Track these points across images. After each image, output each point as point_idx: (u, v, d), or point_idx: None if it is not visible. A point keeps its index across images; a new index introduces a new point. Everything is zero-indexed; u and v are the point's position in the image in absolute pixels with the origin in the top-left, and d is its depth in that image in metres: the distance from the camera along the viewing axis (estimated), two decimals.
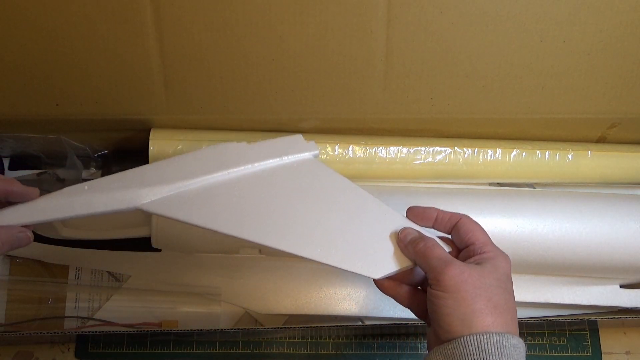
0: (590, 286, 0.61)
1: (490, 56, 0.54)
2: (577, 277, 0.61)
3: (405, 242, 0.44)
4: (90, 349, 0.64)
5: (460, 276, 0.40)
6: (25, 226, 0.43)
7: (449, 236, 0.45)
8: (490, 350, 0.37)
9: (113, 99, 0.56)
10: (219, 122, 0.59)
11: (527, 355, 0.40)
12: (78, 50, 0.52)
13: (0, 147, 0.62)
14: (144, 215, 0.59)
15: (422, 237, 0.44)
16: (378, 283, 0.45)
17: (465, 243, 0.44)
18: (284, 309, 0.63)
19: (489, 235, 0.44)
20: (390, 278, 0.45)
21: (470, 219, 0.45)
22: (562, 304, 0.62)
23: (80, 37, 0.51)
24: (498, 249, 0.44)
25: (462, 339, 0.38)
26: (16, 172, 0.63)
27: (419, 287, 0.46)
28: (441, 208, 0.46)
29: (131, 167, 0.64)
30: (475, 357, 0.37)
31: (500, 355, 0.37)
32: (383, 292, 0.46)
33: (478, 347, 0.38)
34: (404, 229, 0.44)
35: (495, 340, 0.38)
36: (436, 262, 0.41)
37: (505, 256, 0.43)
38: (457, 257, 0.44)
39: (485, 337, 0.38)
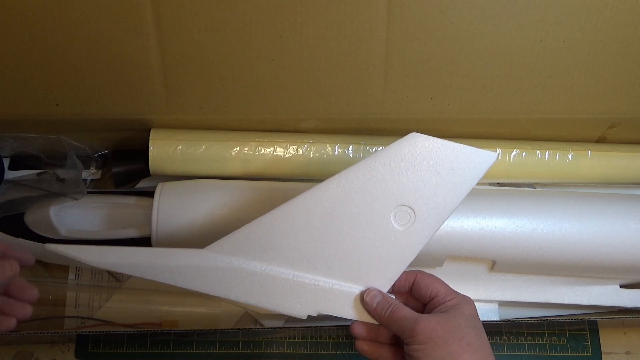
0: (590, 286, 0.61)
1: (490, 56, 0.54)
2: (577, 277, 0.61)
3: (372, 308, 0.45)
4: (90, 349, 0.64)
5: (429, 326, 0.42)
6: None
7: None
8: None
9: (113, 99, 0.56)
10: (219, 122, 0.59)
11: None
12: (78, 50, 0.52)
13: (0, 147, 0.62)
14: (144, 215, 0.59)
15: (386, 301, 0.45)
16: (359, 348, 0.47)
17: (428, 297, 0.46)
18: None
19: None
20: (370, 340, 0.47)
21: (425, 273, 0.47)
22: (562, 304, 0.62)
23: (80, 37, 0.51)
24: (460, 294, 0.46)
25: None
26: (16, 172, 0.63)
27: (397, 345, 0.47)
28: None
29: (131, 167, 0.65)
30: None
31: None
32: (366, 356, 0.47)
33: None
34: (369, 291, 0.46)
35: None
36: (405, 322, 0.43)
37: (467, 299, 0.46)
38: (422, 311, 0.46)
39: None
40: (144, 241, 0.58)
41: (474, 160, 0.45)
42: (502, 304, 0.62)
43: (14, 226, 0.61)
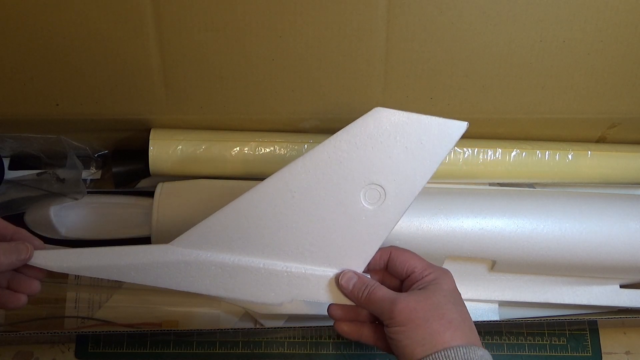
0: (590, 286, 0.61)
1: (490, 56, 0.54)
2: (577, 277, 0.61)
3: (348, 290, 0.44)
4: (90, 349, 0.64)
5: (408, 307, 0.41)
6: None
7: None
8: None
9: (113, 99, 0.56)
10: (219, 122, 0.59)
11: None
12: (78, 50, 0.52)
13: (0, 147, 0.62)
14: (144, 215, 0.59)
15: (362, 282, 0.44)
16: (339, 329, 0.46)
17: (404, 274, 0.45)
18: (284, 309, 0.63)
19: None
20: (350, 321, 0.46)
21: (400, 249, 0.46)
22: (562, 304, 0.62)
23: (80, 37, 0.51)
24: (437, 267, 0.45)
25: (431, 357, 0.39)
26: (16, 172, 0.63)
27: (377, 322, 0.46)
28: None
29: (131, 167, 0.65)
30: None
31: None
32: (347, 337, 0.46)
33: None
34: (344, 274, 0.45)
35: (462, 353, 0.39)
36: (383, 304, 0.42)
37: (445, 271, 0.45)
38: (399, 288, 0.46)
39: (452, 351, 0.39)
40: (144, 241, 0.59)
41: (443, 131, 0.43)
42: (502, 304, 0.62)
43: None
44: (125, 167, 0.64)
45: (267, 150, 0.59)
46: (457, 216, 0.56)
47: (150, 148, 0.59)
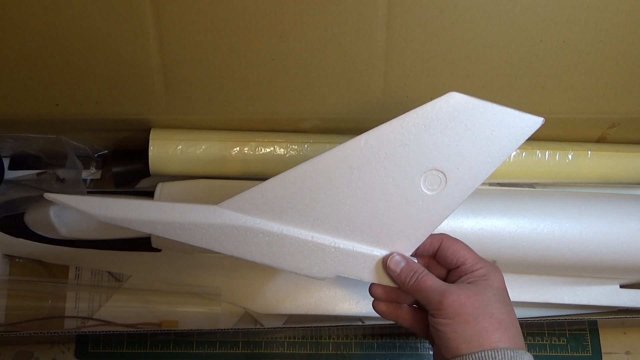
0: (590, 286, 0.61)
1: (490, 56, 0.54)
2: (577, 277, 0.61)
3: (395, 274, 0.44)
4: (90, 349, 0.64)
5: (458, 300, 0.40)
6: None
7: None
8: None
9: (113, 99, 0.56)
10: (219, 122, 0.59)
11: None
12: (78, 50, 0.52)
13: (0, 147, 0.62)
14: None
15: (410, 267, 0.43)
16: (377, 309, 0.46)
17: (454, 264, 0.44)
18: (284, 309, 0.63)
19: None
20: (388, 301, 0.45)
21: (451, 238, 0.45)
22: (562, 304, 0.62)
23: (80, 37, 0.51)
24: (488, 262, 0.44)
25: (476, 354, 0.38)
26: (16, 172, 0.63)
27: (415, 306, 0.46)
28: None
29: (131, 167, 0.65)
30: None
31: None
32: (384, 317, 0.46)
33: None
34: (392, 257, 0.44)
35: (509, 357, 0.38)
36: (431, 294, 0.41)
37: (496, 269, 0.43)
38: (446, 277, 0.45)
39: (500, 353, 0.38)
40: (144, 241, 0.59)
41: (516, 124, 0.42)
42: None
43: (14, 226, 0.61)
44: (125, 167, 0.64)
45: (267, 150, 0.59)
46: (457, 216, 0.56)
47: (150, 148, 0.59)
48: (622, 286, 0.62)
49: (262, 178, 0.60)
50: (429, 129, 0.42)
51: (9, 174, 0.63)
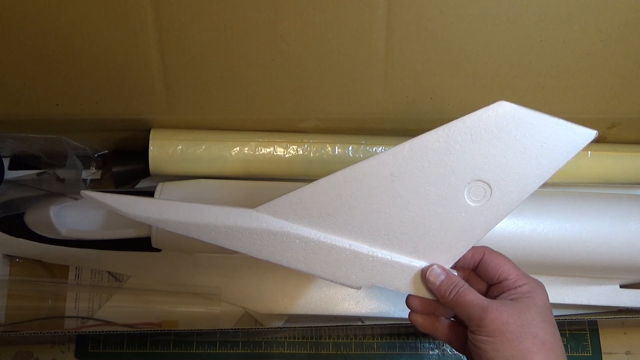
0: (590, 286, 0.61)
1: (490, 56, 0.54)
2: (577, 277, 0.61)
3: (435, 287, 0.42)
4: (90, 349, 0.64)
5: (500, 318, 0.39)
6: None
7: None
8: None
9: (113, 99, 0.56)
10: (219, 122, 0.59)
11: None
12: (78, 51, 0.52)
13: (0, 147, 0.62)
14: None
15: (450, 280, 0.42)
16: (414, 320, 0.44)
17: (496, 279, 0.43)
18: (284, 309, 0.63)
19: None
20: (425, 314, 0.44)
21: (494, 252, 0.44)
22: (562, 304, 0.62)
23: (80, 37, 0.51)
24: (532, 278, 0.42)
25: None
26: (16, 172, 0.63)
27: (453, 319, 0.45)
28: None
29: (131, 167, 0.65)
30: None
31: None
32: (420, 329, 0.45)
33: None
34: (432, 269, 0.43)
35: None
36: (472, 310, 0.40)
37: (540, 285, 0.42)
38: (486, 292, 0.43)
39: None
40: (144, 241, 0.59)
41: (568, 137, 0.40)
42: None
43: (14, 226, 0.61)
44: (125, 167, 0.64)
45: (267, 150, 0.59)
46: None
47: (150, 148, 0.59)
48: (622, 286, 0.61)
49: (262, 178, 0.61)
50: (476, 138, 0.40)
51: (9, 174, 0.63)
